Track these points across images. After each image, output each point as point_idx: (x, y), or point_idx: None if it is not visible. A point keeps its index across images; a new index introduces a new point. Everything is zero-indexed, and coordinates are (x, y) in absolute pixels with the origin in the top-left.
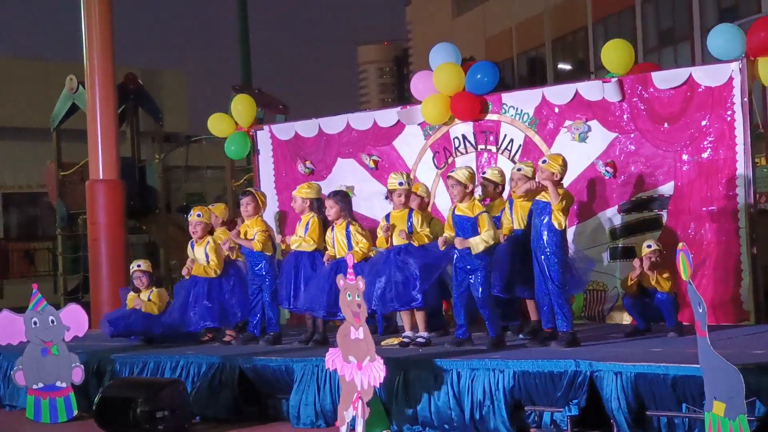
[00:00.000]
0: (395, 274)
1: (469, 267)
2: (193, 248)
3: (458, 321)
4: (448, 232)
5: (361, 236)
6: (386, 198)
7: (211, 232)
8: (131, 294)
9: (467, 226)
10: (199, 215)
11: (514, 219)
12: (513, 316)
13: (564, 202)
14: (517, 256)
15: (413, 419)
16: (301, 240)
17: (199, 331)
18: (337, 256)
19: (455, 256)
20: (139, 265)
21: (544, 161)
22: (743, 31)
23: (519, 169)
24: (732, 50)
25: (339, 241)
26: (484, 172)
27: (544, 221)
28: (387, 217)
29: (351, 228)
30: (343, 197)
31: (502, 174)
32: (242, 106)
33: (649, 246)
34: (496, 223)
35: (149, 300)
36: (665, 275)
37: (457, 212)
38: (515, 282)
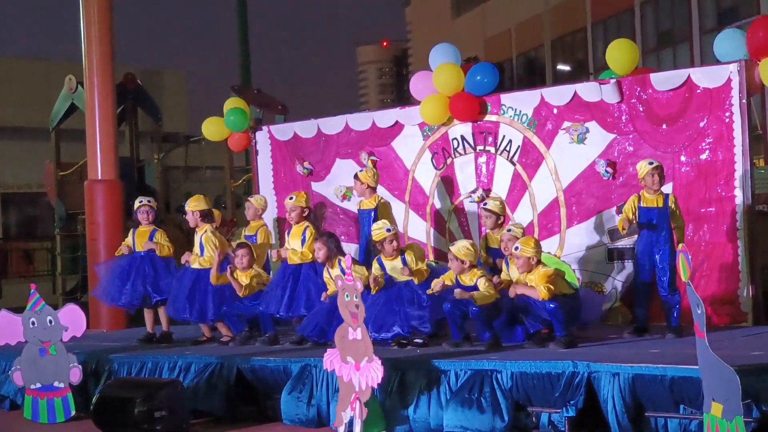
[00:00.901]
0: (400, 304)
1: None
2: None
3: (454, 325)
4: (441, 281)
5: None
6: (376, 247)
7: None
8: (126, 245)
9: (467, 289)
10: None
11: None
12: None
13: (552, 282)
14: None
15: (410, 419)
16: (300, 255)
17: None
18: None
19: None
20: (149, 200)
21: (516, 248)
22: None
23: (509, 230)
24: (735, 53)
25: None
26: (485, 204)
27: (544, 305)
28: (379, 260)
29: (342, 265)
30: (329, 238)
31: (503, 203)
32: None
33: (651, 163)
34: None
35: (152, 240)
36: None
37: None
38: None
